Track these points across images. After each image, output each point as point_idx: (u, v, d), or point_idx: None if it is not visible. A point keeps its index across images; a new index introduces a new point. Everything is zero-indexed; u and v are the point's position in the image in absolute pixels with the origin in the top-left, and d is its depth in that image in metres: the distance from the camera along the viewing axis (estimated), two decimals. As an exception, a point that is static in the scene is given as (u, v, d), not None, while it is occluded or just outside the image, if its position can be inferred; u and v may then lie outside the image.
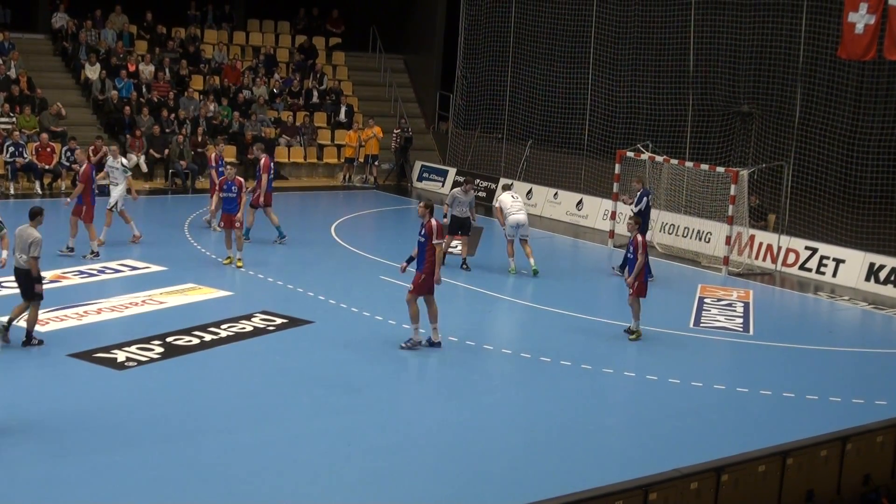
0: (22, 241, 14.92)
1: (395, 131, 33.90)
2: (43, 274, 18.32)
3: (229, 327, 16.62)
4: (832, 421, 13.76)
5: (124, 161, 22.54)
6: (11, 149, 27.22)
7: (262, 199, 22.60)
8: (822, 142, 25.94)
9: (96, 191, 20.80)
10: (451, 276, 20.88)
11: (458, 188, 22.66)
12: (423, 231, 15.96)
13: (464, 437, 13.11)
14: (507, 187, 24.52)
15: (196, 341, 15.86)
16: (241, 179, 21.14)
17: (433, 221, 15.96)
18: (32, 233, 14.94)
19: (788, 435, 12.77)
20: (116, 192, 21.52)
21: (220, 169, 22.95)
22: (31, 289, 14.95)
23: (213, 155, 24.45)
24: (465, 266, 22.00)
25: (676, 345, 18.01)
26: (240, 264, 20.27)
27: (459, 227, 22.02)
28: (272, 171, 23.40)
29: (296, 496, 11.15)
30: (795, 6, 26.23)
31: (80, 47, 31.83)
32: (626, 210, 27.00)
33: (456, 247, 22.36)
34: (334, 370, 15.25)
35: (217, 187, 21.96)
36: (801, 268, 24.23)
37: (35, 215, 15.15)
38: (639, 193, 22.50)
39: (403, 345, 16.11)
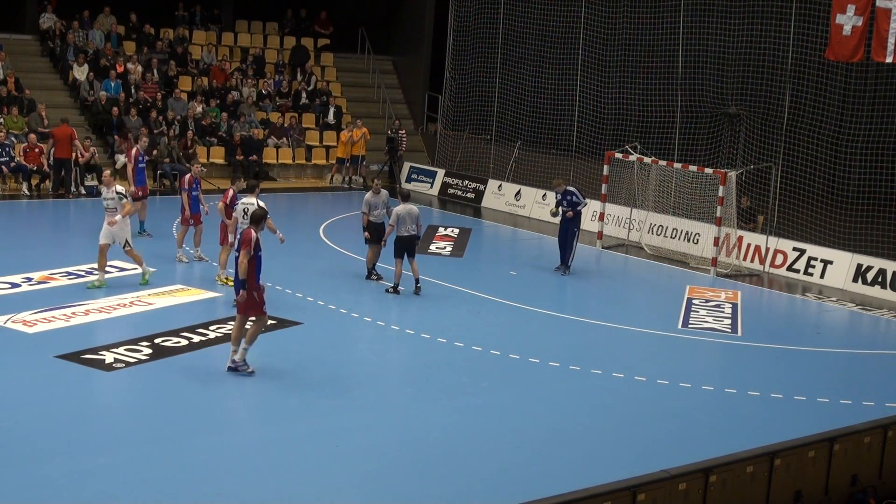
0: (412, 216, 19.40)
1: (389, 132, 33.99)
2: (31, 275, 18.46)
3: (218, 328, 16.59)
4: (820, 422, 13.81)
5: (119, 189, 18.95)
6: (-1, 149, 27.18)
7: None
8: (810, 143, 26.03)
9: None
10: (440, 278, 20.89)
11: (369, 192, 20.60)
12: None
13: (453, 439, 13.11)
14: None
15: (184, 343, 15.84)
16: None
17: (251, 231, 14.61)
18: (415, 208, 19.65)
19: (776, 436, 12.81)
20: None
21: (195, 194, 20.66)
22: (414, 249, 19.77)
23: (188, 177, 21.14)
24: (374, 276, 20.49)
25: (665, 346, 18.06)
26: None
27: (374, 232, 20.21)
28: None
29: (284, 497, 11.13)
30: (783, 8, 26.31)
31: (67, 48, 31.76)
32: (616, 212, 27.13)
33: (444, 248, 22.26)
34: (323, 371, 15.23)
35: (188, 216, 20.55)
36: (789, 269, 24.30)
37: (407, 198, 19.78)
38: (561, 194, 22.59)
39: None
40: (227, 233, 19.12)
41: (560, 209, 22.61)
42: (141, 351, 15.25)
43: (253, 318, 14.64)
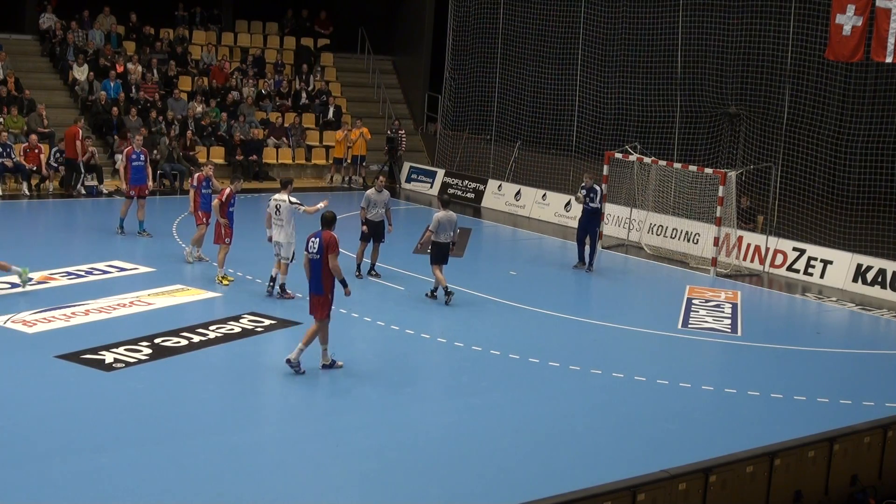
0: (451, 223, 19.29)
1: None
2: (32, 275, 18.42)
3: (217, 328, 16.59)
4: (820, 422, 13.80)
5: None
6: (-1, 149, 27.17)
7: None
8: (810, 143, 26.03)
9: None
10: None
11: (372, 188, 20.79)
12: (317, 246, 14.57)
13: (453, 439, 13.11)
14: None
15: (184, 343, 15.83)
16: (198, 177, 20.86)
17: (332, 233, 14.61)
18: (454, 216, 19.48)
19: (776, 436, 12.80)
20: None
21: (204, 192, 20.57)
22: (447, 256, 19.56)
23: (197, 175, 20.99)
24: (372, 273, 20.82)
25: (665, 346, 18.05)
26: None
27: (373, 233, 20.52)
28: None
29: (284, 497, 11.13)
30: (783, 8, 26.31)
31: (67, 48, 31.76)
32: (616, 212, 27.13)
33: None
34: (323, 371, 15.22)
35: (198, 214, 20.48)
36: (789, 269, 24.30)
37: (447, 203, 19.67)
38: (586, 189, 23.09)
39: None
40: (220, 232, 19.27)
41: (585, 198, 23.04)
42: (141, 351, 15.25)
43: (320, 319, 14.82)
